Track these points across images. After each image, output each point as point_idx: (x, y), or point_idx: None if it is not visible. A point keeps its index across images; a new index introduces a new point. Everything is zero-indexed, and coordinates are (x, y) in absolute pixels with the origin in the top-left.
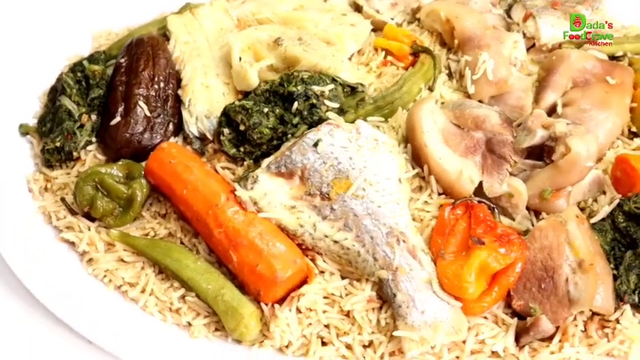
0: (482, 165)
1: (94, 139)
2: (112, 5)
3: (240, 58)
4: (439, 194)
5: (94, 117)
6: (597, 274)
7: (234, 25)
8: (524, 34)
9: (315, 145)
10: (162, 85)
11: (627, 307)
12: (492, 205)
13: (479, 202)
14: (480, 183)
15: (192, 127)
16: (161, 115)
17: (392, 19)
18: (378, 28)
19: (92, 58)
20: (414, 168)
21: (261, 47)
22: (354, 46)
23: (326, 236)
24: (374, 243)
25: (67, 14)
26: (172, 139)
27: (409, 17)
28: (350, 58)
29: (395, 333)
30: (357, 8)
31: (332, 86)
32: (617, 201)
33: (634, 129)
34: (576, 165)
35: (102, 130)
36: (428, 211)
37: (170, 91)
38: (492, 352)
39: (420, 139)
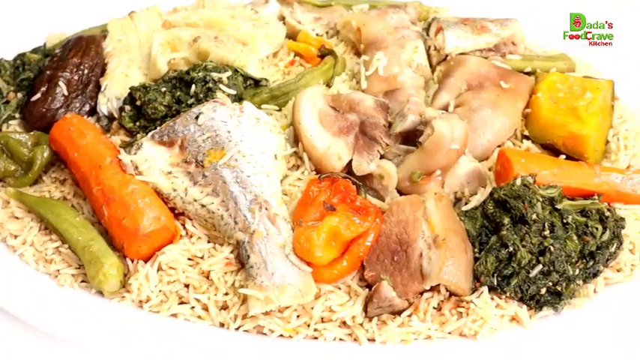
0: (354, 145)
1: (17, 115)
2: (70, 12)
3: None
4: (313, 172)
5: (20, 95)
6: (448, 249)
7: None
8: (435, 48)
9: (197, 117)
10: (86, 72)
11: (485, 289)
12: (359, 183)
13: (345, 177)
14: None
15: (102, 107)
16: (80, 97)
17: (313, 30)
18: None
19: (35, 50)
20: None
21: (179, 43)
22: (269, 48)
23: (195, 200)
24: (237, 208)
25: (28, 17)
26: (85, 118)
27: (332, 31)
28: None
29: (241, 290)
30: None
31: (230, 73)
32: (489, 189)
33: (526, 133)
34: (440, 146)
35: (24, 106)
36: (298, 186)
37: (93, 78)
38: (343, 323)
39: (296, 117)
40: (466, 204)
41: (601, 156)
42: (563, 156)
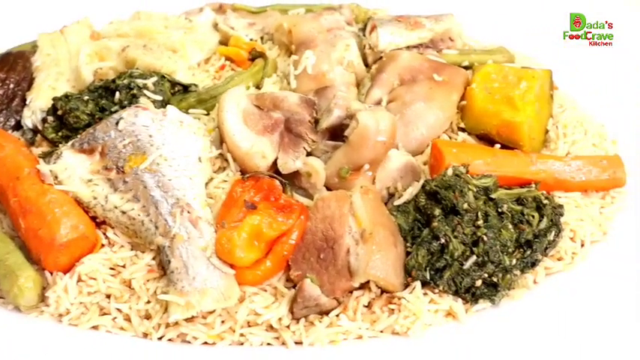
0: (279, 143)
1: None
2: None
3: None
4: (238, 173)
5: None
6: (375, 243)
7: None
8: (370, 46)
9: (117, 123)
10: (12, 86)
11: (417, 284)
12: (285, 181)
13: (270, 176)
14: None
15: (27, 120)
16: (4, 111)
17: (246, 35)
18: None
19: None
20: None
21: (107, 53)
22: (199, 55)
23: (115, 207)
24: (158, 212)
25: None
26: (10, 132)
27: (268, 37)
28: (199, 66)
29: (160, 296)
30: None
31: (155, 79)
32: (422, 182)
33: (462, 125)
34: (366, 138)
35: None
36: (223, 188)
37: (19, 92)
38: (270, 327)
39: (220, 117)
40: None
41: (540, 145)
42: (499, 145)
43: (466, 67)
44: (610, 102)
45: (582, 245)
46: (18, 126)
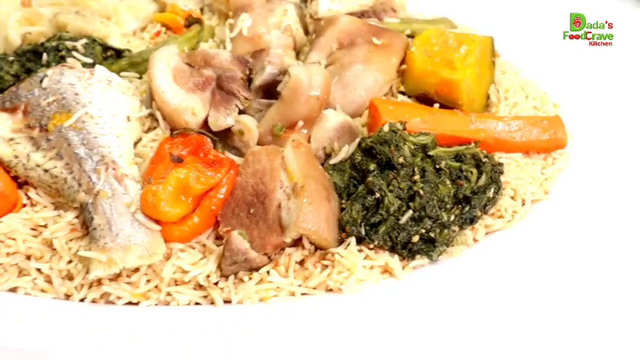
0: (210, 100)
1: None
2: None
3: None
4: (168, 131)
5: None
6: (306, 196)
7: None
8: (311, 15)
9: (42, 81)
10: None
11: (352, 240)
12: (215, 138)
13: (199, 133)
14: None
15: None
16: None
17: (185, 5)
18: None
19: None
20: None
21: (38, 19)
22: (135, 22)
23: (38, 165)
24: (81, 170)
25: None
26: None
27: (208, 7)
28: (134, 34)
29: (80, 252)
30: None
31: (85, 41)
32: (357, 140)
33: (402, 89)
34: (298, 93)
35: None
36: (152, 147)
37: None
38: (199, 286)
39: (149, 75)
40: None
41: (481, 108)
42: (438, 105)
43: (408, 37)
44: (555, 70)
45: (523, 204)
46: None
